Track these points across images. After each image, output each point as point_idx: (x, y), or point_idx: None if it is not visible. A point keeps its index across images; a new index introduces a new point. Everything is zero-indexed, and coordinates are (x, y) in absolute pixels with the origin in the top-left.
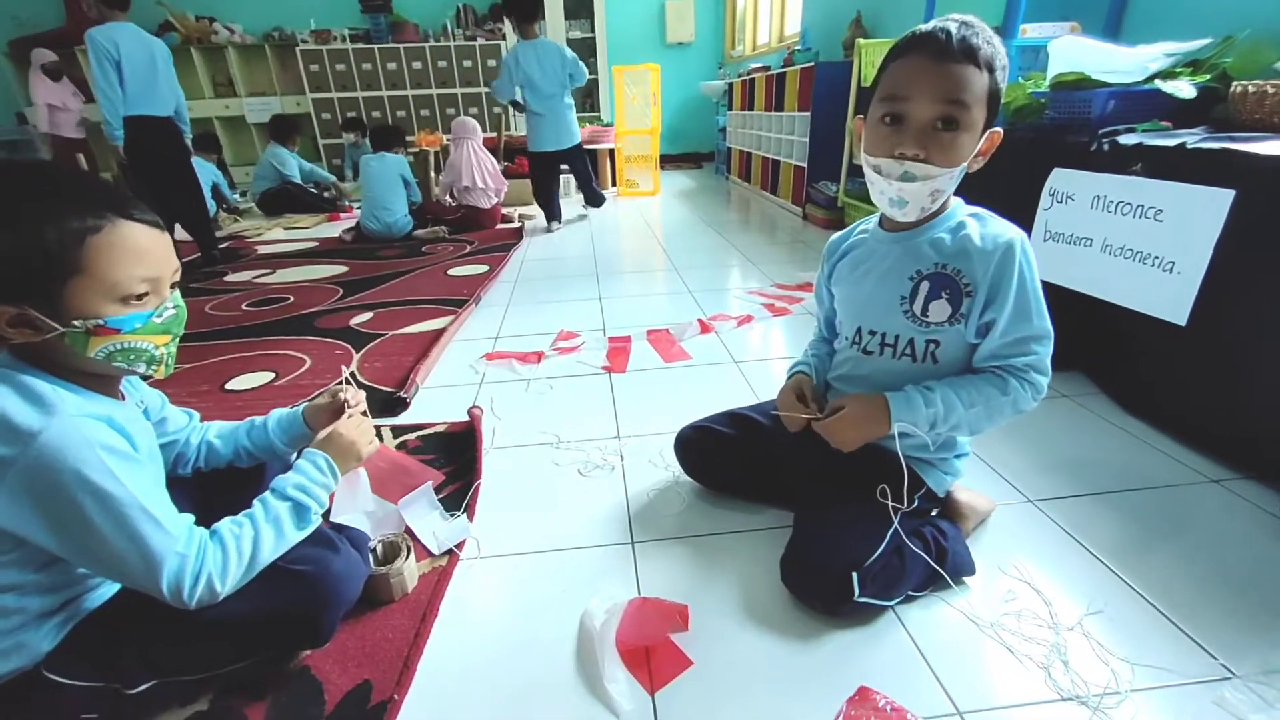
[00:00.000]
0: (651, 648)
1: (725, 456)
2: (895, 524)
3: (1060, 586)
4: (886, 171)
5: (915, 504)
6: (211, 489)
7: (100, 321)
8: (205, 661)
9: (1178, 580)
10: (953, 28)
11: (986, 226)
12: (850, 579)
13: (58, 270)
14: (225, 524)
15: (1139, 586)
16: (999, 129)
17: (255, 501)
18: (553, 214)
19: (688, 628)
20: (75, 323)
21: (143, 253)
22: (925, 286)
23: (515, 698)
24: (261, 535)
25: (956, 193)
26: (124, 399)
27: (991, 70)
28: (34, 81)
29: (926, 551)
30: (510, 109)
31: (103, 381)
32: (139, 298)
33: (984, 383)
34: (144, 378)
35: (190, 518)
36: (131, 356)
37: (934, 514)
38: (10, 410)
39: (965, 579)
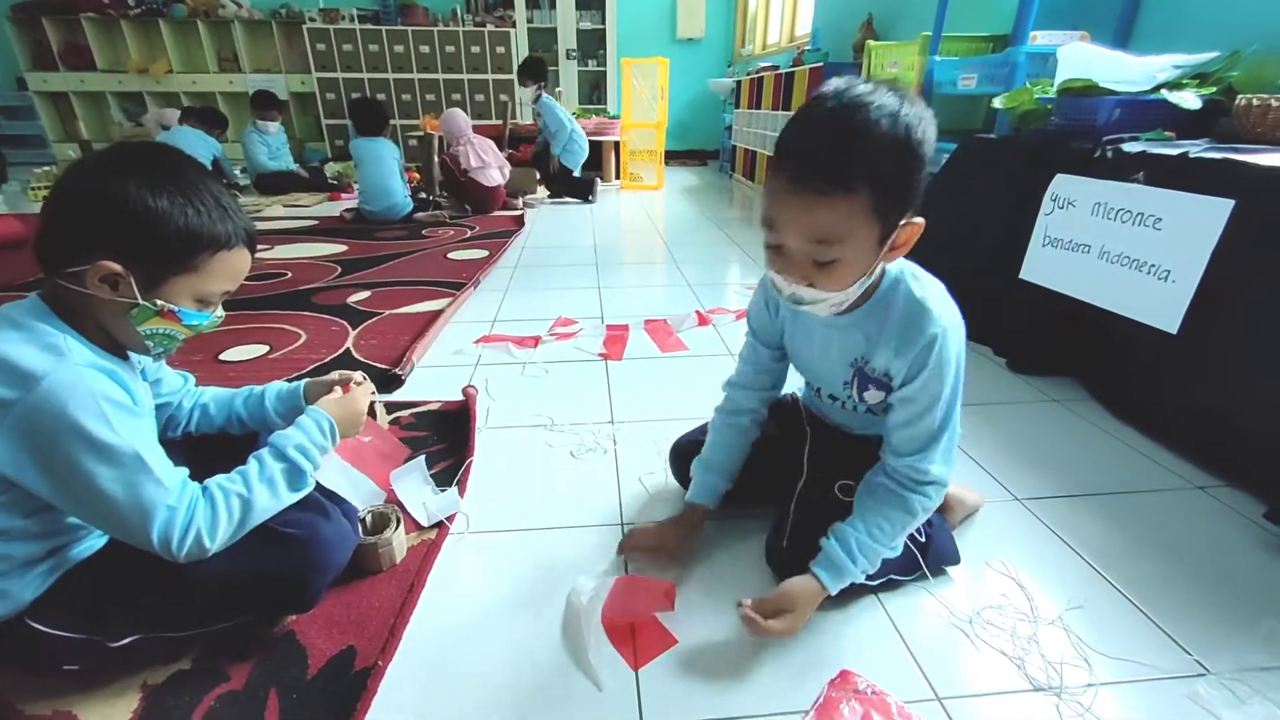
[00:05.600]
0: (637, 625)
1: None
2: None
3: (1043, 582)
4: (778, 286)
5: None
6: (201, 454)
7: (174, 309)
8: (190, 619)
9: (1159, 581)
10: (823, 138)
11: (918, 313)
12: None
13: (184, 262)
14: (218, 480)
15: (1120, 585)
16: (918, 220)
17: (251, 458)
18: None
19: (673, 607)
20: (157, 301)
21: (238, 275)
22: (859, 378)
23: (500, 670)
24: (255, 494)
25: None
26: (127, 359)
27: (876, 176)
28: None
29: (912, 539)
30: (516, 98)
31: (116, 343)
32: (208, 303)
33: (891, 509)
34: (152, 356)
35: (184, 471)
36: (165, 340)
37: None
38: (19, 355)
39: (949, 571)
